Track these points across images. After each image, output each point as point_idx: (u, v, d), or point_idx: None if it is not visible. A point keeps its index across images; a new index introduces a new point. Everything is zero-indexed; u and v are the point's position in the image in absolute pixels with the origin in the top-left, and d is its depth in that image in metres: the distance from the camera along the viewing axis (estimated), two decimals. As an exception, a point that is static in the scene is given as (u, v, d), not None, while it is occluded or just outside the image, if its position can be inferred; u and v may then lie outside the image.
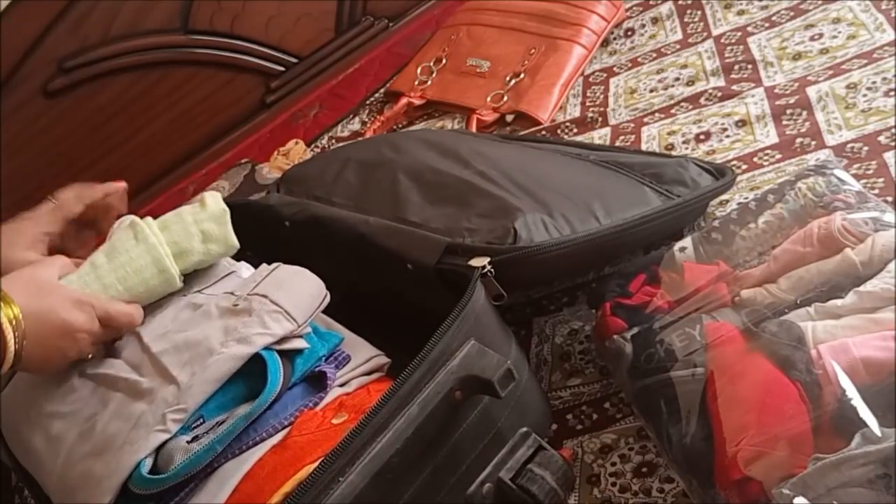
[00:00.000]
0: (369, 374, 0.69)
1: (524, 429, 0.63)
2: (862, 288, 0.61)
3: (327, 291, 0.70)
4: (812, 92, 0.96)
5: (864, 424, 0.51)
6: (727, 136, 0.97)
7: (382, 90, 1.45)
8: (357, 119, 1.43)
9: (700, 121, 1.01)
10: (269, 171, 1.29)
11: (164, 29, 1.41)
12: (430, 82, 1.35)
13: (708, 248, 0.73)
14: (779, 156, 0.90)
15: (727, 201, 0.87)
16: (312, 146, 1.40)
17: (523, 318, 0.87)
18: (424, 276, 0.71)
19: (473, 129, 1.21)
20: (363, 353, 0.70)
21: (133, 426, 0.62)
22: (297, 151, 1.36)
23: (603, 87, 1.19)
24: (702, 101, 1.05)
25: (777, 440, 0.53)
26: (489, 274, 0.66)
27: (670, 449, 0.62)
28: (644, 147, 1.02)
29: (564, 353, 0.81)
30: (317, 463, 0.55)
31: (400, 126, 1.34)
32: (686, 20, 1.23)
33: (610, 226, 0.74)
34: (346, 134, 1.41)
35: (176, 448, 0.59)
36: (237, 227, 0.77)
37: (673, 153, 0.98)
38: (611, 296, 0.74)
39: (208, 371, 0.62)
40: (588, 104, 1.17)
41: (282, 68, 1.55)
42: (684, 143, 1.00)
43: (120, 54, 1.38)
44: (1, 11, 1.25)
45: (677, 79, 1.12)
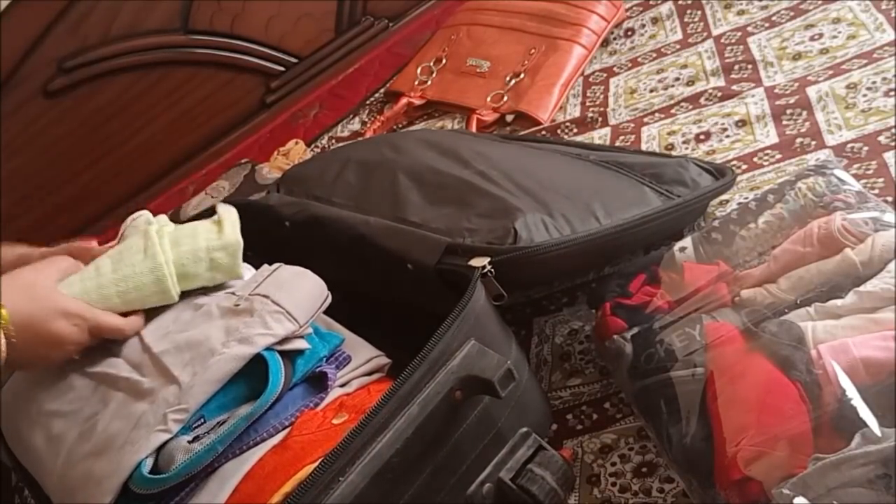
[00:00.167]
0: (370, 374, 0.69)
1: (524, 429, 0.63)
2: (862, 288, 0.61)
3: (328, 292, 0.70)
4: (812, 92, 0.96)
5: (864, 424, 0.51)
6: (727, 136, 0.97)
7: (382, 90, 1.45)
8: (357, 119, 1.43)
9: (700, 121, 1.01)
10: (269, 171, 1.29)
11: (164, 29, 1.41)
12: (430, 82, 1.35)
13: (708, 248, 0.73)
14: (779, 156, 0.90)
15: (727, 201, 0.87)
16: (312, 146, 1.40)
17: (523, 318, 0.87)
18: (424, 276, 0.71)
19: (473, 129, 1.21)
20: (364, 354, 0.70)
21: (134, 426, 0.62)
22: (297, 151, 1.36)
23: (603, 87, 1.19)
24: (702, 101, 1.05)
25: (777, 440, 0.53)
26: (489, 274, 0.66)
27: (670, 449, 0.62)
28: (644, 147, 1.02)
29: (564, 353, 0.81)
30: (317, 463, 0.55)
31: (400, 126, 1.34)
32: (686, 20, 1.23)
33: (610, 226, 0.74)
34: (346, 134, 1.41)
35: (177, 448, 0.59)
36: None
37: (673, 153, 0.98)
38: (611, 296, 0.74)
39: (210, 371, 0.62)
40: (588, 104, 1.17)
41: (282, 68, 1.55)
42: (684, 143, 1.00)
43: (120, 54, 1.38)
44: (1, 11, 1.25)
45: (677, 79, 1.12)
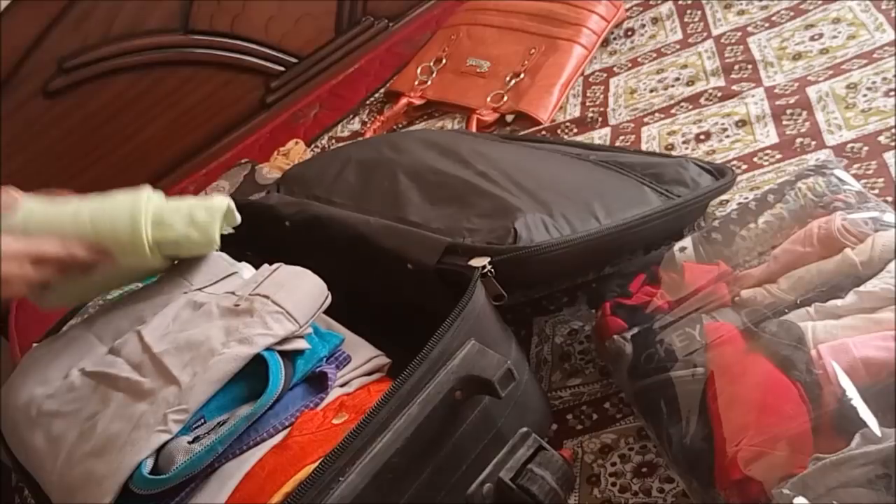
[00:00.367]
0: (370, 374, 0.69)
1: (524, 429, 0.63)
2: (862, 288, 0.61)
3: (328, 292, 0.70)
4: (812, 92, 0.96)
5: (864, 424, 0.51)
6: (727, 136, 0.97)
7: (382, 90, 1.45)
8: (357, 119, 1.43)
9: (700, 121, 1.01)
10: (269, 171, 1.29)
11: (164, 29, 1.41)
12: (430, 82, 1.35)
13: (708, 248, 0.73)
14: (779, 156, 0.90)
15: (727, 201, 0.87)
16: (312, 146, 1.40)
17: (523, 318, 0.87)
18: (425, 276, 0.71)
19: (473, 129, 1.21)
20: (364, 354, 0.70)
21: (134, 426, 0.62)
22: (297, 151, 1.36)
23: (603, 87, 1.19)
24: (702, 101, 1.05)
25: (777, 440, 0.53)
26: (489, 274, 0.66)
27: (670, 449, 0.62)
28: (644, 147, 1.02)
29: (564, 353, 0.81)
30: (317, 463, 0.55)
31: (400, 126, 1.33)
32: (686, 20, 1.23)
33: (610, 226, 0.74)
34: (346, 134, 1.41)
35: (177, 448, 0.59)
36: (237, 226, 0.77)
37: (673, 153, 0.98)
38: (611, 296, 0.74)
39: (210, 371, 0.62)
40: (588, 104, 1.17)
41: (282, 68, 1.55)
42: (684, 143, 1.00)
43: (120, 54, 1.38)
44: (1, 11, 1.25)
45: (677, 79, 1.12)
